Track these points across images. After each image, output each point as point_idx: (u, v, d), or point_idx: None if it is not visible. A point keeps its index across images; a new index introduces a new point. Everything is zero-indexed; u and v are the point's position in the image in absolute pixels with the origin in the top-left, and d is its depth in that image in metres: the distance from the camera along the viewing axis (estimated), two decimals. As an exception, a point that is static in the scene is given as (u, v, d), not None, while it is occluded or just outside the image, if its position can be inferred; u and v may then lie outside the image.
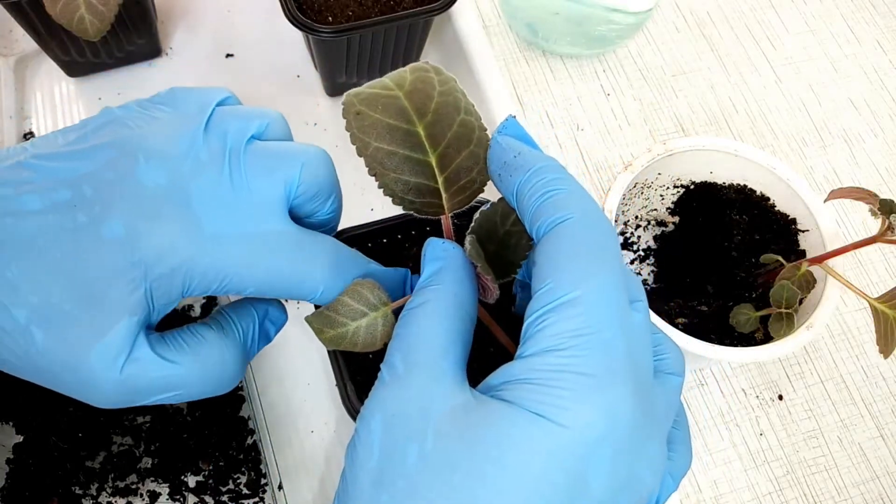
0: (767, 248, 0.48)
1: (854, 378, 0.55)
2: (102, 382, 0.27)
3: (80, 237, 0.26)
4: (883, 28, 0.73)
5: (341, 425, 0.49)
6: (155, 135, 0.28)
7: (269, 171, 0.29)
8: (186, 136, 0.28)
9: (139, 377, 0.28)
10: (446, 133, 0.30)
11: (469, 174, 0.30)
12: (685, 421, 0.30)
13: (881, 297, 0.41)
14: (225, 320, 0.32)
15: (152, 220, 0.27)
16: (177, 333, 0.30)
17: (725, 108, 0.66)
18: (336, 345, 0.31)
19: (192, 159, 0.28)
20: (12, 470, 0.44)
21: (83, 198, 0.26)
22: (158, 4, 0.63)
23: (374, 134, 0.29)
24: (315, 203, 0.31)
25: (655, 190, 0.53)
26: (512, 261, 0.29)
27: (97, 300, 0.26)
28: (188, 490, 0.45)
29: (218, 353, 0.30)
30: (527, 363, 0.24)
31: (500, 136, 0.29)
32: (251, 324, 0.32)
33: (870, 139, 0.66)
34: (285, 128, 0.32)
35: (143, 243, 0.27)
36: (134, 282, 0.27)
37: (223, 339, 0.31)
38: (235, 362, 0.31)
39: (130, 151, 0.27)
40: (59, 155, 0.27)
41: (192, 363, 0.29)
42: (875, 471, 0.52)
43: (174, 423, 0.46)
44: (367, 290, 0.31)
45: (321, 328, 0.31)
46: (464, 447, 0.24)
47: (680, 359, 0.30)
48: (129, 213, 0.27)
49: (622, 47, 0.68)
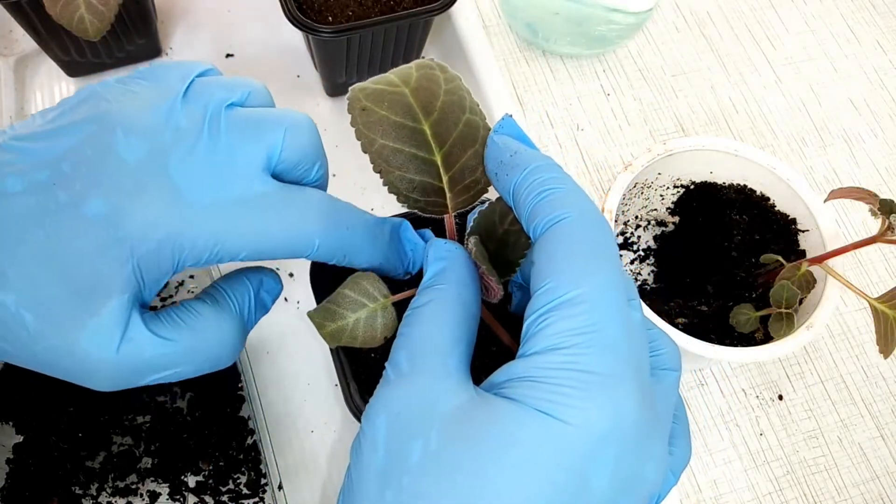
0: (767, 248, 0.48)
1: (854, 378, 0.55)
2: (99, 364, 0.27)
3: (62, 217, 0.26)
4: (883, 28, 0.73)
5: (341, 425, 0.49)
6: (133, 107, 0.27)
7: (250, 136, 0.29)
8: (164, 107, 0.28)
9: (136, 357, 0.27)
10: (452, 132, 0.30)
11: (473, 174, 0.30)
12: (684, 414, 0.30)
13: (881, 297, 0.41)
14: (219, 294, 0.31)
15: (134, 194, 0.26)
16: (171, 310, 0.29)
17: (725, 108, 0.66)
18: (337, 340, 0.31)
19: (171, 129, 0.27)
20: (12, 470, 0.44)
21: (62, 176, 0.26)
22: (158, 4, 0.63)
23: (380, 130, 0.29)
24: (300, 169, 0.30)
25: (655, 190, 0.53)
26: (511, 260, 0.29)
27: (85, 280, 0.26)
28: (188, 490, 0.45)
29: (215, 326, 0.30)
30: (530, 361, 0.24)
31: (497, 136, 0.29)
32: (246, 294, 0.32)
33: (870, 139, 0.66)
34: (268, 98, 0.31)
35: (126, 219, 0.26)
36: (120, 259, 0.26)
37: (219, 312, 0.30)
38: (234, 335, 0.31)
39: (109, 126, 0.27)
40: (38, 135, 0.27)
41: (190, 339, 0.29)
42: (875, 471, 0.52)
43: (174, 423, 0.46)
44: (368, 282, 0.31)
45: (322, 322, 0.31)
46: (468, 445, 0.23)
47: (676, 353, 0.30)
48: (110, 189, 0.26)
49: (622, 47, 0.68)
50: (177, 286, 0.52)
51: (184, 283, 0.52)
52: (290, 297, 0.53)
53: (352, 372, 0.36)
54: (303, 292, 0.53)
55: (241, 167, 0.28)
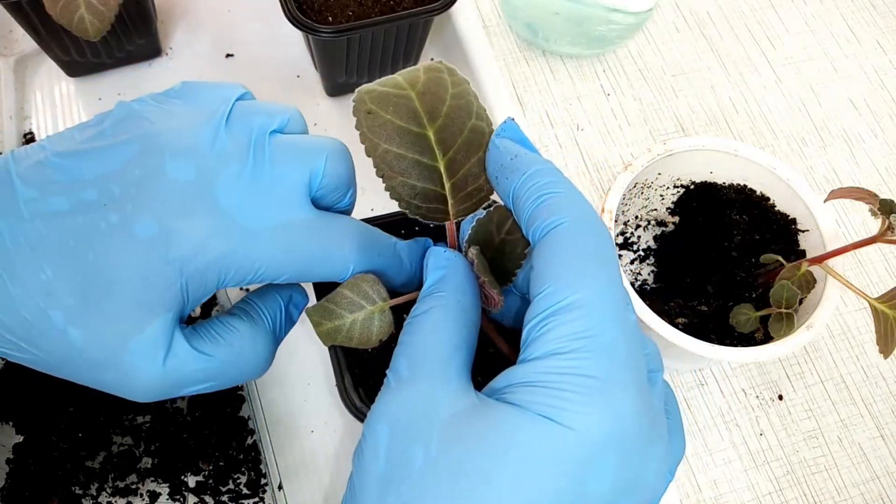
0: (767, 248, 0.48)
1: (854, 378, 0.55)
2: (142, 378, 0.27)
3: (114, 237, 0.26)
4: (883, 28, 0.73)
5: (341, 425, 0.49)
6: (178, 130, 0.28)
7: (294, 162, 0.30)
8: (209, 131, 0.28)
9: (177, 372, 0.28)
10: (457, 138, 0.29)
11: (477, 181, 0.30)
12: (676, 408, 0.29)
13: (881, 297, 0.41)
14: (253, 309, 0.32)
15: (185, 216, 0.27)
16: (209, 326, 0.30)
17: (725, 108, 0.66)
18: (332, 339, 0.31)
19: (216, 153, 0.28)
20: (12, 470, 0.44)
21: (112, 197, 0.26)
22: (158, 4, 0.63)
23: (385, 135, 0.29)
24: (336, 195, 0.32)
25: (655, 190, 0.53)
26: (508, 269, 0.29)
27: (133, 298, 0.26)
28: (188, 490, 0.45)
29: (250, 342, 0.31)
30: (530, 367, 0.24)
31: (498, 139, 0.29)
32: (277, 310, 0.33)
33: (870, 139, 0.66)
34: (303, 123, 0.33)
35: (177, 240, 0.27)
36: (170, 279, 0.27)
37: (254, 328, 0.31)
38: (267, 349, 0.32)
39: (155, 147, 0.27)
40: (82, 153, 0.27)
41: (227, 354, 0.30)
42: (875, 471, 0.52)
43: (174, 423, 0.46)
44: (367, 284, 0.32)
45: (319, 320, 0.31)
46: (469, 450, 0.24)
47: (658, 354, 0.30)
48: (160, 211, 0.27)
49: (622, 47, 0.68)
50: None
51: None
52: (290, 297, 0.53)
53: (347, 365, 0.37)
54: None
55: (286, 192, 0.29)
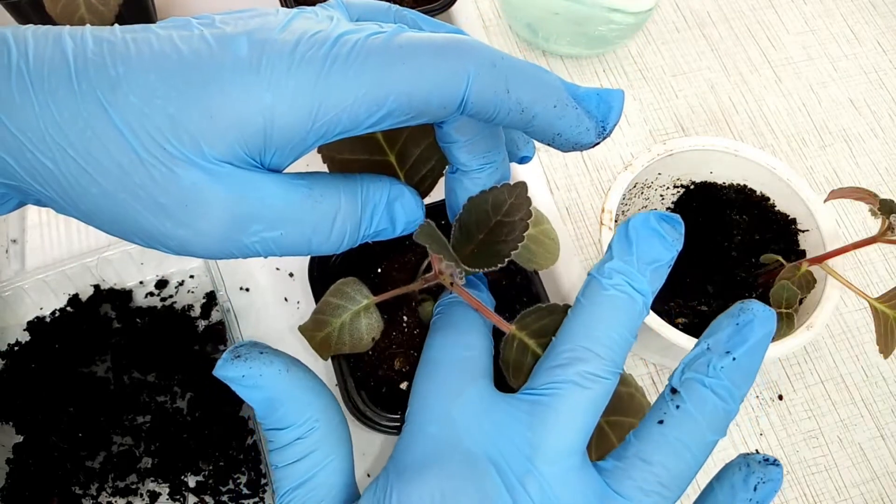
0: (767, 248, 0.48)
1: (854, 378, 0.55)
2: (208, 197, 0.24)
3: (212, 58, 0.24)
4: (883, 28, 0.73)
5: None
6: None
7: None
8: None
9: (246, 199, 0.25)
10: (403, 132, 0.32)
11: (428, 164, 0.32)
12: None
13: (881, 297, 0.41)
14: (354, 180, 0.28)
15: (280, 41, 0.24)
16: (300, 174, 0.27)
17: (725, 108, 0.66)
18: (327, 349, 0.32)
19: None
20: (12, 470, 0.44)
21: (211, 22, 0.25)
22: (158, 4, 0.63)
23: (336, 147, 0.31)
24: None
25: (655, 190, 0.53)
26: (501, 251, 0.29)
27: (227, 117, 0.23)
28: (188, 490, 0.45)
29: (334, 200, 0.27)
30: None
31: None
32: (379, 193, 0.29)
33: (870, 139, 0.66)
34: None
35: (267, 57, 0.24)
36: (262, 101, 0.24)
37: (345, 189, 0.27)
38: (344, 222, 0.27)
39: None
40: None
41: (305, 199, 0.26)
42: (875, 471, 0.52)
43: (174, 423, 0.46)
44: (350, 286, 0.33)
45: (312, 333, 0.32)
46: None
47: None
48: (255, 36, 0.24)
49: (622, 47, 0.68)
50: (177, 286, 0.52)
51: (184, 283, 0.52)
52: (290, 298, 0.53)
53: (349, 368, 0.37)
54: (303, 292, 0.53)
55: None
